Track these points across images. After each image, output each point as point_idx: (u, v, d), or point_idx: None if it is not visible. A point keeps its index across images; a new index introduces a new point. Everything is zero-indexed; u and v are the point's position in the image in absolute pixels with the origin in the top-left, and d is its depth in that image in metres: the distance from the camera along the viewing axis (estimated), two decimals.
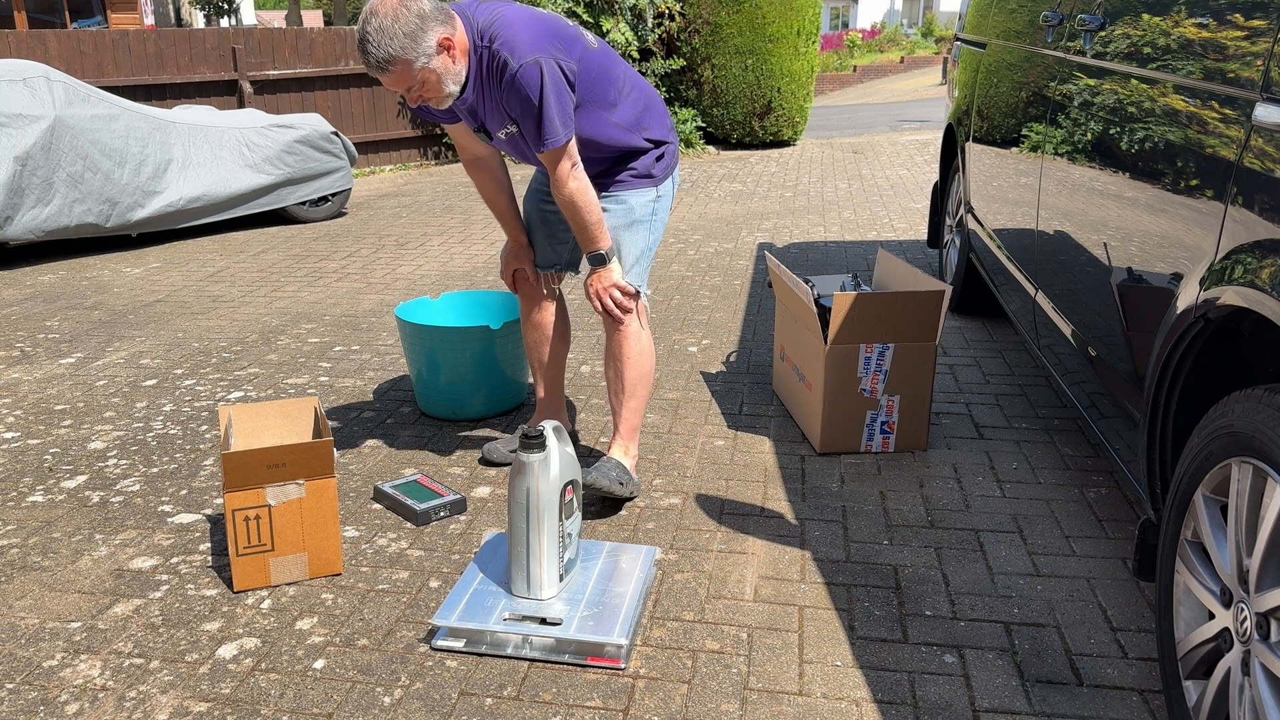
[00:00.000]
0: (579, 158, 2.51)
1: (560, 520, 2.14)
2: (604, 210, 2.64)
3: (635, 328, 2.69)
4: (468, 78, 2.45)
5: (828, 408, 2.94)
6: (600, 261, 2.60)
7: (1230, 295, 1.55)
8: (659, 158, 2.73)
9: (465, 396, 3.26)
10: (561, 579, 2.19)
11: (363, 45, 2.30)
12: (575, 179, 2.50)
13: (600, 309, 2.64)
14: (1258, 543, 1.48)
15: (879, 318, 2.86)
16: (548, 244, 2.86)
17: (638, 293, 2.69)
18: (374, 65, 2.30)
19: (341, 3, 23.33)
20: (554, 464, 2.11)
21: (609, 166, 2.69)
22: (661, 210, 2.76)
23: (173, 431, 3.27)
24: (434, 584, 2.34)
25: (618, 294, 2.62)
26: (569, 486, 2.15)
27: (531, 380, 3.24)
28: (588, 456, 3.02)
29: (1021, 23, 3.24)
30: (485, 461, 2.97)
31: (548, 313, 2.93)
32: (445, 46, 2.34)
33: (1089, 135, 2.34)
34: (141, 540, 2.56)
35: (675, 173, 2.80)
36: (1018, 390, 3.51)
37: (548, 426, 2.16)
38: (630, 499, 2.71)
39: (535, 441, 2.11)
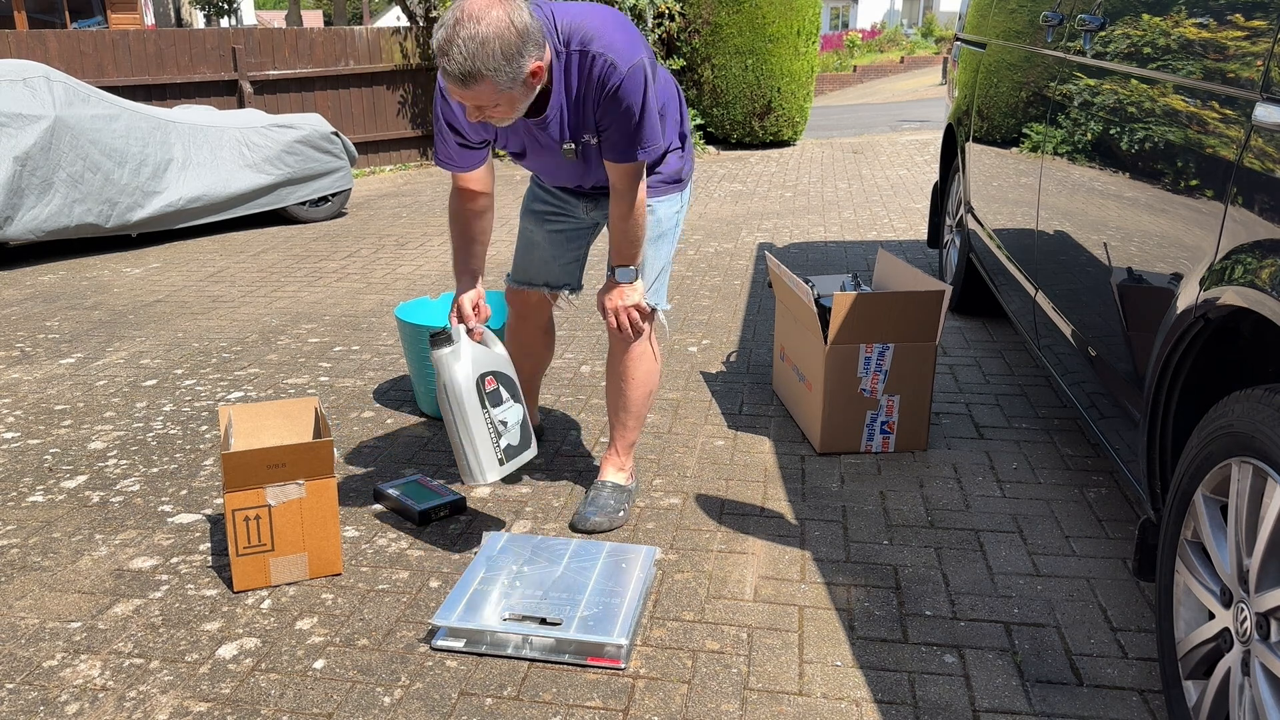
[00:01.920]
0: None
1: (485, 407, 2.12)
2: None
3: (645, 348, 2.60)
4: (550, 88, 2.24)
5: (828, 408, 2.94)
6: (629, 277, 2.47)
7: (1230, 295, 1.55)
8: (682, 157, 2.62)
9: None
10: (503, 463, 2.17)
11: (447, 49, 2.02)
12: (642, 191, 2.37)
13: (614, 326, 2.52)
14: (1258, 543, 1.48)
15: (879, 318, 2.86)
16: (555, 264, 2.76)
17: (654, 311, 2.59)
18: (454, 76, 2.04)
19: (342, 3, 23.33)
20: (463, 354, 2.17)
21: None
22: (682, 219, 2.67)
23: (173, 431, 3.27)
24: (434, 584, 2.34)
25: (636, 314, 2.51)
26: (490, 377, 2.17)
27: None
28: (588, 459, 3.02)
29: (1021, 23, 3.24)
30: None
31: (536, 328, 2.88)
32: (535, 75, 2.12)
33: (1089, 135, 2.35)
34: (141, 540, 2.56)
35: (690, 181, 2.71)
36: (1018, 390, 3.51)
37: (456, 328, 2.27)
38: None
39: (441, 338, 2.16)
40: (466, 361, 2.21)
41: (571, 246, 2.77)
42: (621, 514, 2.60)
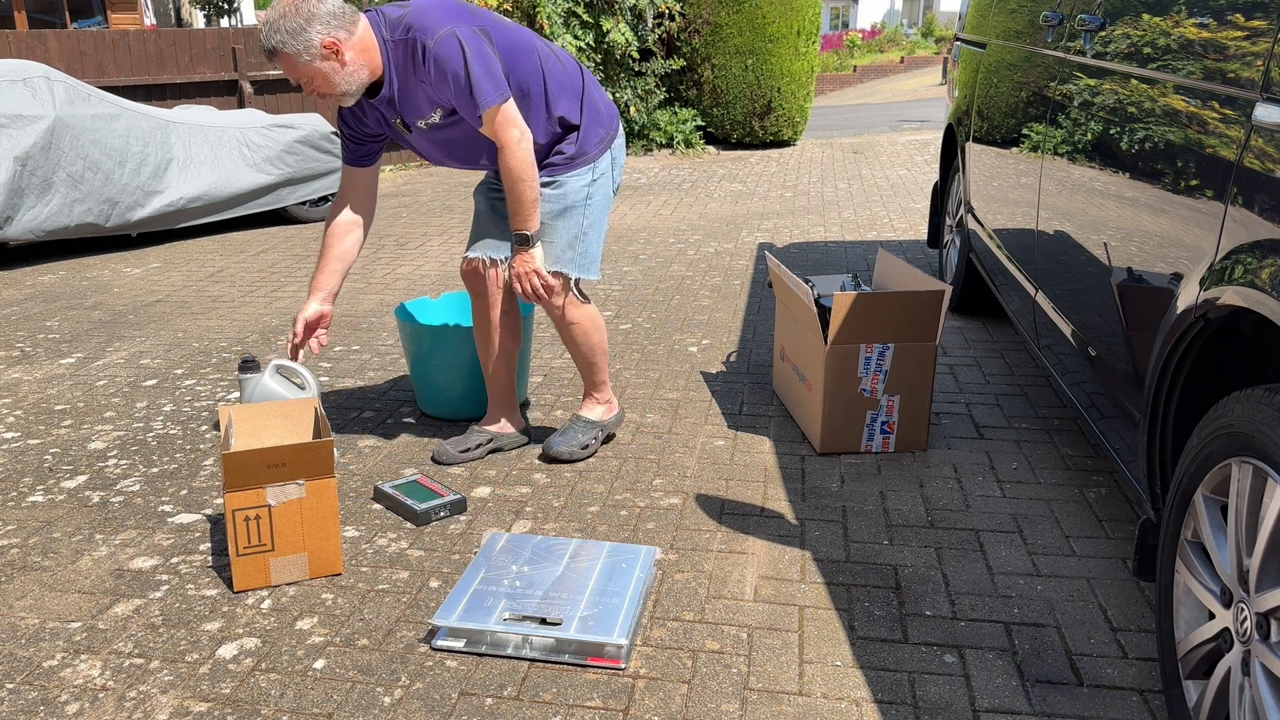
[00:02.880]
0: (525, 128, 2.59)
1: None
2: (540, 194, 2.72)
3: (568, 307, 2.84)
4: (385, 75, 2.58)
5: (828, 408, 2.94)
6: (524, 242, 2.68)
7: (1230, 295, 1.55)
8: (590, 135, 2.78)
9: (465, 396, 3.26)
10: None
11: (259, 35, 2.50)
12: (523, 148, 2.58)
13: (520, 291, 2.74)
14: (1258, 543, 1.48)
15: (879, 318, 2.86)
16: (496, 231, 2.90)
17: (568, 280, 2.79)
18: (263, 52, 2.52)
19: None
20: (248, 385, 2.87)
21: (543, 148, 2.76)
22: (598, 193, 2.80)
23: (173, 431, 3.27)
24: (434, 584, 2.34)
25: (537, 280, 2.72)
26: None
27: (480, 384, 3.26)
28: (588, 458, 3.02)
29: (1021, 23, 3.24)
30: (436, 462, 3.00)
31: (497, 309, 2.92)
32: (331, 50, 2.48)
33: (1089, 135, 2.35)
34: (141, 540, 2.56)
35: (617, 153, 2.86)
36: (1018, 390, 3.51)
37: (271, 364, 2.88)
38: (606, 442, 3.02)
39: (248, 365, 2.87)
40: (248, 392, 2.88)
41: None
42: (587, 449, 2.93)
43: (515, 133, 2.56)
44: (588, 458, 2.93)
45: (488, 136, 2.59)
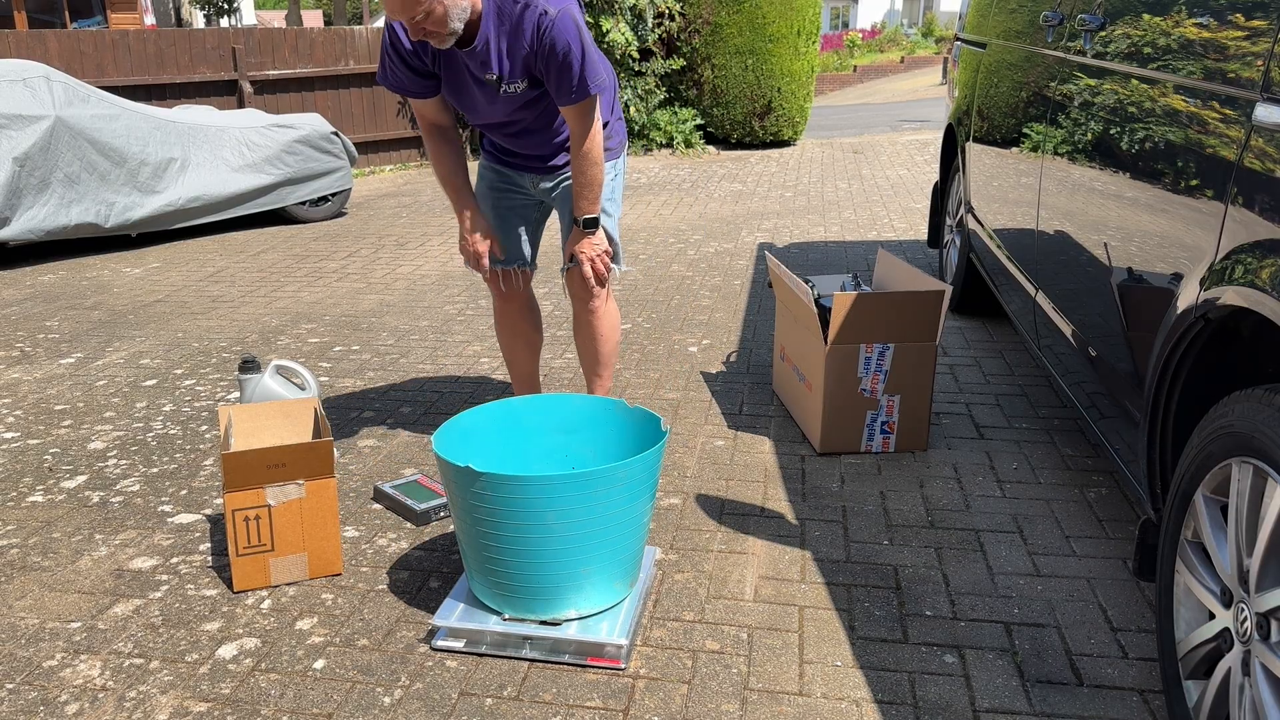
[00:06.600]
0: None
1: None
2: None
3: (606, 304, 2.92)
4: (481, 26, 2.48)
5: (828, 408, 2.94)
6: (595, 225, 2.73)
7: (1230, 295, 1.55)
8: (617, 132, 2.87)
9: (563, 575, 2.05)
10: None
11: None
12: (598, 133, 2.61)
13: (590, 274, 2.77)
14: (1258, 543, 1.48)
15: (879, 318, 2.86)
16: (508, 240, 2.94)
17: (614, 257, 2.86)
18: None
19: (341, 2, 23.31)
20: (248, 386, 2.90)
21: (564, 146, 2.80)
22: (618, 187, 2.90)
23: (173, 431, 3.27)
24: (434, 584, 2.34)
25: (606, 259, 2.78)
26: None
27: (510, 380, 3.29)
28: None
29: (1021, 23, 3.24)
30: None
31: (523, 305, 3.05)
32: None
33: (1089, 135, 2.35)
34: (141, 540, 2.56)
35: (625, 149, 2.96)
36: (1018, 390, 3.51)
37: (271, 364, 2.95)
38: None
39: (249, 366, 2.89)
40: (249, 392, 2.91)
41: (519, 224, 2.95)
42: None
43: (600, 122, 2.62)
44: None
45: (569, 115, 2.58)
